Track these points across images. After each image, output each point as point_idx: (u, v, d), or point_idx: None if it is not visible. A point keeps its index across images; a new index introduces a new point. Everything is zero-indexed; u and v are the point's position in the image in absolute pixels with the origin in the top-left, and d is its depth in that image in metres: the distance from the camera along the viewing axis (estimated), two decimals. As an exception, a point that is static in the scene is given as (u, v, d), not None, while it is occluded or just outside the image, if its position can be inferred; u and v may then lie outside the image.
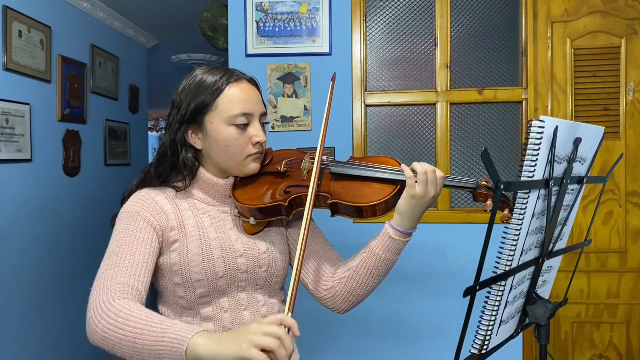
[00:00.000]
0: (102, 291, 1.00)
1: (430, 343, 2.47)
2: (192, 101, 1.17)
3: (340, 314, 1.28)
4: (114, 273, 1.03)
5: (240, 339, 0.85)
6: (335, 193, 1.17)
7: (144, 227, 1.11)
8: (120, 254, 1.07)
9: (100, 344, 0.97)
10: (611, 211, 2.42)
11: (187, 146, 1.20)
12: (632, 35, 2.40)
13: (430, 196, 1.13)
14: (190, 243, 1.13)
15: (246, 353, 0.83)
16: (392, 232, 1.16)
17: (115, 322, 0.95)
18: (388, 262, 1.18)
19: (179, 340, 0.89)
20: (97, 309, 0.98)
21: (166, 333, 0.91)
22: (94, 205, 3.58)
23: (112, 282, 1.01)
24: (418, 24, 2.52)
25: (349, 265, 1.23)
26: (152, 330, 0.92)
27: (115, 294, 0.99)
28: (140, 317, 0.95)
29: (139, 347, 0.92)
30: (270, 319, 0.88)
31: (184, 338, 0.89)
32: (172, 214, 1.16)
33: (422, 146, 2.53)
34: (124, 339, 0.93)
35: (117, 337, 0.94)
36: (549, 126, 0.88)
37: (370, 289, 1.22)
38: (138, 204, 1.14)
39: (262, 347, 0.83)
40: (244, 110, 1.17)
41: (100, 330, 0.96)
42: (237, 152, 1.18)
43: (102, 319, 0.96)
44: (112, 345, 0.95)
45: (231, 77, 1.19)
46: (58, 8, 3.22)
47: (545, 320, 1.05)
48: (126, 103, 4.25)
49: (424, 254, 2.43)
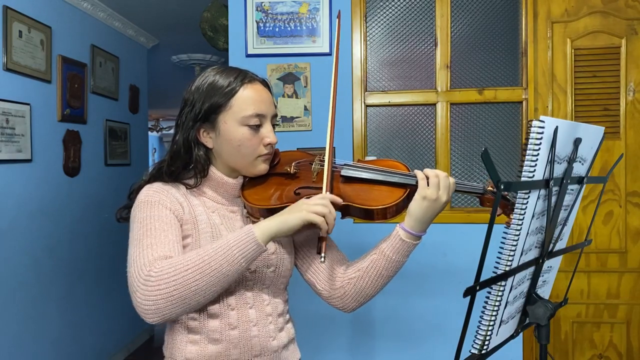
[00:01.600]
0: (142, 266, 0.99)
1: (430, 343, 2.47)
2: (206, 100, 1.17)
3: (347, 312, 1.29)
4: (150, 252, 1.02)
5: (297, 209, 1.06)
6: (345, 195, 1.19)
7: (167, 214, 1.11)
8: (152, 236, 1.06)
9: (170, 307, 0.97)
10: (611, 211, 2.42)
11: (199, 144, 1.21)
12: (632, 35, 2.40)
13: (442, 200, 1.15)
14: (202, 240, 1.14)
15: (308, 217, 1.04)
16: (403, 234, 1.18)
17: (178, 270, 0.97)
18: (397, 264, 1.21)
19: (245, 235, 1.01)
20: (148, 280, 0.97)
21: (229, 242, 1.00)
22: (94, 205, 3.58)
23: (151, 258, 1.00)
24: (418, 24, 2.52)
25: (358, 265, 1.24)
26: (216, 249, 0.99)
27: (156, 264, 0.99)
28: (192, 254, 1.00)
29: (216, 269, 0.98)
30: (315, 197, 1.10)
31: (248, 231, 1.01)
32: (187, 207, 1.16)
33: (422, 146, 2.53)
34: (196, 274, 0.97)
35: (189, 281, 0.96)
36: (549, 126, 0.88)
37: (379, 289, 1.24)
38: (155, 194, 1.14)
39: (317, 213, 1.05)
40: (257, 111, 1.18)
41: (165, 290, 0.96)
42: (249, 152, 1.19)
43: (163, 279, 0.96)
44: (186, 295, 0.97)
45: (245, 77, 1.20)
46: (58, 8, 3.22)
47: (545, 320, 1.05)
48: (126, 103, 4.25)
49: (424, 254, 2.42)
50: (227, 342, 1.16)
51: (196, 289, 0.97)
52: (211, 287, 0.99)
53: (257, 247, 1.01)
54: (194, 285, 0.97)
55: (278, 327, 1.23)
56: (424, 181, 1.14)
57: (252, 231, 1.01)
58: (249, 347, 1.17)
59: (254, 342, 1.18)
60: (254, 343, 1.18)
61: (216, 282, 0.99)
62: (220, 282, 0.99)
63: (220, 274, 0.99)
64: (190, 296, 0.97)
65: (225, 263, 0.98)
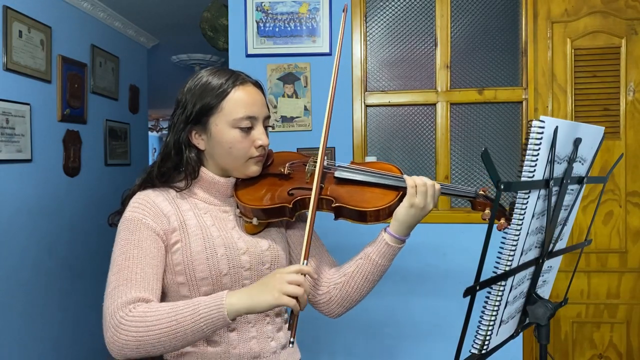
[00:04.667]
0: (117, 308, 1.02)
1: (430, 343, 2.47)
2: (198, 102, 1.17)
3: (332, 318, 1.30)
4: (125, 289, 1.05)
5: (269, 289, 1.00)
6: (339, 197, 1.19)
7: (148, 236, 1.12)
8: (130, 268, 1.08)
9: (133, 353, 1.01)
10: (611, 211, 2.42)
11: (191, 146, 1.20)
12: (632, 35, 2.40)
13: (429, 208, 1.17)
14: (193, 242, 1.14)
15: (279, 301, 0.99)
16: (388, 239, 1.19)
17: (146, 326, 0.99)
18: (382, 268, 1.21)
19: (215, 309, 0.99)
20: (119, 325, 1.00)
21: (198, 310, 1.00)
22: (94, 205, 3.58)
23: (126, 298, 1.03)
24: (418, 24, 2.52)
25: (344, 270, 1.25)
26: (185, 314, 1.00)
27: (131, 307, 1.02)
28: (165, 310, 1.01)
29: (180, 335, 1.00)
30: (289, 269, 1.03)
31: (219, 305, 1.00)
32: (173, 215, 1.16)
33: (422, 146, 2.53)
34: (162, 336, 0.99)
35: (154, 338, 0.99)
36: (549, 126, 0.88)
37: (364, 294, 1.25)
38: (138, 210, 1.15)
39: (289, 294, 0.99)
40: (248, 114, 1.18)
41: (132, 341, 0.99)
42: (240, 154, 1.19)
43: (131, 330, 0.99)
44: (150, 349, 1.00)
45: (237, 79, 1.19)
46: (58, 8, 3.22)
47: (545, 320, 1.05)
48: (126, 103, 4.25)
49: (424, 254, 2.42)
50: (225, 343, 1.16)
51: (160, 345, 1.01)
52: (174, 346, 1.03)
53: (224, 322, 1.01)
54: (158, 343, 1.00)
55: (276, 328, 1.23)
56: (413, 189, 1.15)
57: (223, 306, 1.00)
58: (247, 348, 1.17)
59: (252, 343, 1.18)
60: (252, 344, 1.18)
61: (179, 344, 1.03)
62: (182, 344, 1.03)
63: (184, 339, 1.02)
64: (153, 350, 1.02)
65: (191, 332, 1.01)
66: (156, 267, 1.11)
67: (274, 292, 1.00)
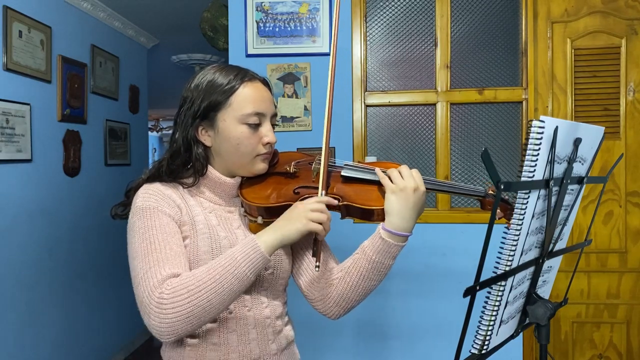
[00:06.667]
0: (153, 288, 0.99)
1: (430, 343, 2.47)
2: (205, 98, 1.16)
3: (331, 319, 1.26)
4: (156, 270, 1.02)
5: (295, 219, 1.08)
6: (346, 195, 1.19)
7: (168, 221, 1.11)
8: (156, 250, 1.05)
9: (186, 326, 0.98)
10: (611, 211, 2.42)
11: (198, 143, 1.20)
12: (632, 35, 2.40)
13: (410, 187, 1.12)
14: (200, 241, 1.13)
15: (307, 227, 1.07)
16: (382, 233, 1.14)
17: (190, 290, 0.98)
18: (380, 266, 1.16)
19: (251, 250, 1.02)
20: (162, 303, 0.97)
21: (235, 257, 1.02)
22: (94, 205, 3.58)
23: (159, 277, 1.01)
24: (418, 24, 2.52)
25: (342, 266, 1.23)
26: (224, 265, 1.01)
27: (166, 283, 1.00)
28: (202, 271, 1.01)
29: (227, 287, 1.00)
30: (311, 200, 1.11)
31: (253, 246, 1.03)
32: (184, 208, 1.15)
33: (422, 146, 2.53)
34: (210, 294, 0.99)
35: (203, 299, 0.98)
36: (549, 126, 0.88)
37: (362, 293, 1.20)
38: (152, 199, 1.13)
39: (315, 220, 1.07)
40: (256, 110, 1.17)
41: (182, 312, 0.97)
42: (247, 150, 1.18)
43: (177, 301, 0.97)
44: (201, 314, 0.99)
45: (245, 75, 1.19)
46: (58, 8, 3.22)
47: (545, 320, 1.05)
48: (126, 103, 4.25)
49: (424, 254, 2.43)
50: (225, 345, 1.15)
51: (210, 307, 0.99)
52: (223, 303, 1.01)
53: (263, 260, 1.03)
54: (207, 304, 0.99)
55: (277, 330, 1.22)
56: (386, 179, 1.14)
57: (258, 244, 1.03)
58: (247, 351, 1.16)
59: (252, 346, 1.17)
60: (252, 346, 1.17)
61: (228, 298, 1.01)
62: (232, 298, 1.02)
63: (232, 291, 1.01)
64: (204, 314, 0.99)
65: (236, 280, 1.01)
66: (180, 244, 1.09)
67: (301, 219, 1.07)
